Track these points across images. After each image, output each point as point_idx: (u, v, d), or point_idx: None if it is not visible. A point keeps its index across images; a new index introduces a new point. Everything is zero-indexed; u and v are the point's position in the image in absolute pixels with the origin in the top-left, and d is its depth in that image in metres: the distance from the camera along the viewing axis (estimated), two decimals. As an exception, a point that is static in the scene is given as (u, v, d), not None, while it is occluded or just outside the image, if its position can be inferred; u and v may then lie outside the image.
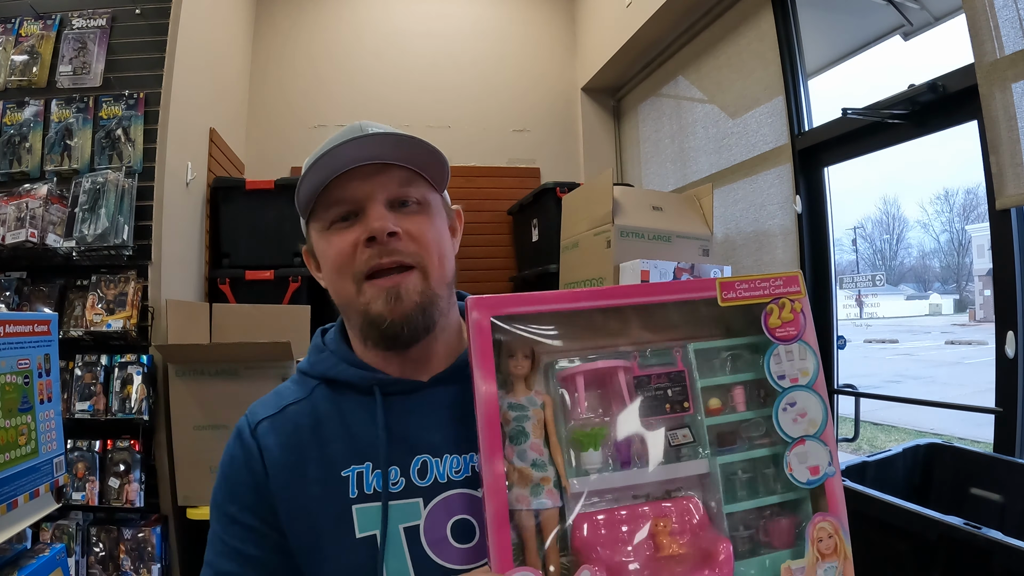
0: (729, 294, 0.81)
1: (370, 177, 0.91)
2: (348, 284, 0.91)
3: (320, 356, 1.00)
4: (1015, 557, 1.21)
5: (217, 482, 0.97)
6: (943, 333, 20.00)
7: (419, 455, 0.90)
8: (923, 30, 2.76)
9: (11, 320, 1.51)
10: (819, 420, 0.81)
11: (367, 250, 0.89)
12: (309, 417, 0.94)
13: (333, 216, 0.92)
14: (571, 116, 4.84)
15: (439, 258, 0.93)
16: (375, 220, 0.88)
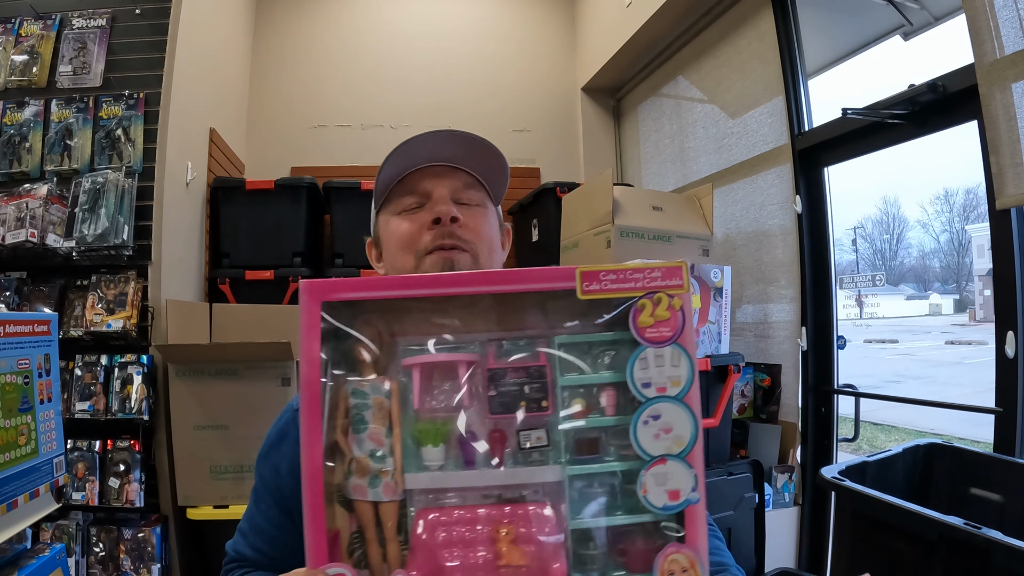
0: (591, 285, 0.70)
1: (440, 175, 1.04)
2: (409, 259, 1.01)
3: None
4: (1015, 557, 1.21)
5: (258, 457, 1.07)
6: (943, 333, 20.00)
7: None
8: (923, 30, 2.76)
9: (11, 320, 1.51)
10: (686, 438, 0.68)
11: (431, 231, 1.00)
12: None
13: (406, 204, 1.04)
14: (571, 116, 4.84)
15: (489, 250, 1.05)
16: (441, 205, 1.00)
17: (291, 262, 3.53)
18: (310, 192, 3.64)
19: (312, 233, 3.72)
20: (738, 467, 2.55)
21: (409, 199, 1.05)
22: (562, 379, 0.71)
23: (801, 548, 2.81)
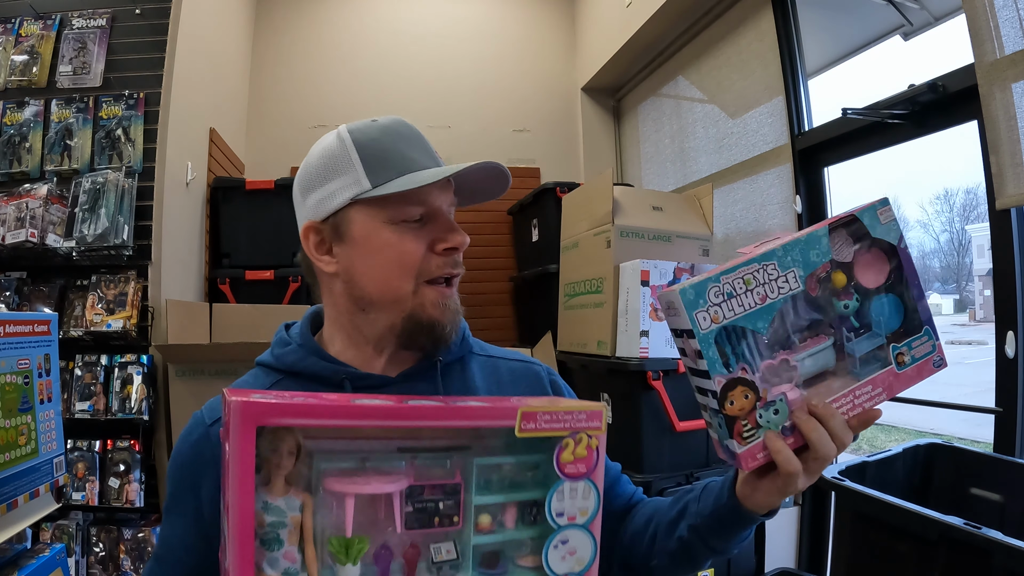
0: (529, 424, 0.75)
1: (445, 189, 0.97)
2: (406, 283, 0.93)
3: (286, 349, 1.00)
4: (1015, 557, 1.21)
5: (167, 473, 0.98)
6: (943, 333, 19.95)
7: None
8: (923, 30, 2.76)
9: (11, 320, 1.51)
10: (587, 559, 0.78)
11: (442, 258, 0.94)
12: None
13: (409, 214, 0.93)
14: (571, 116, 4.84)
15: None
16: (459, 235, 0.95)
17: (291, 262, 3.52)
18: (310, 192, 3.62)
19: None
20: (738, 467, 2.55)
21: (415, 209, 0.94)
22: (477, 497, 0.76)
23: (801, 548, 2.81)
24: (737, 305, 0.79)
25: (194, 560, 0.92)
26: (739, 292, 0.79)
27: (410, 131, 0.99)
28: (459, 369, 1.06)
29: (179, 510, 0.94)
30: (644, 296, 2.49)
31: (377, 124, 0.98)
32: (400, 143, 0.96)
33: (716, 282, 0.78)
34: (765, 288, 0.80)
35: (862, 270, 0.84)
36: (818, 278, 0.82)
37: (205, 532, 0.90)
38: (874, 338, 0.84)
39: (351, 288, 0.96)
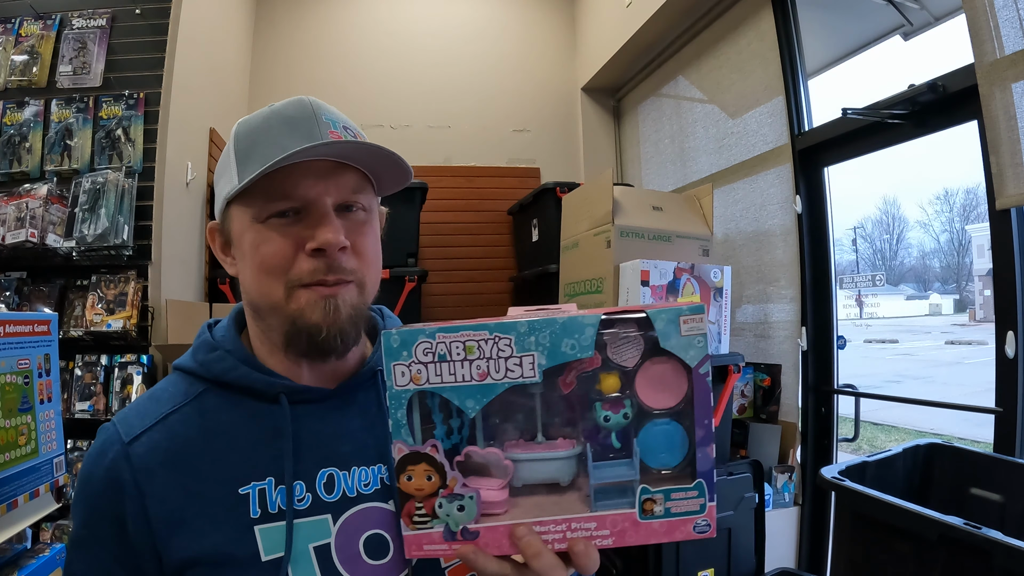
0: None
1: (324, 176, 0.83)
2: (277, 288, 0.83)
3: (212, 355, 0.90)
4: (1015, 557, 1.21)
5: (75, 499, 0.86)
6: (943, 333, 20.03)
7: (325, 468, 0.85)
8: (923, 30, 2.76)
9: (11, 320, 1.51)
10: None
11: (312, 260, 0.82)
12: (197, 428, 0.84)
13: (272, 210, 0.82)
14: (571, 116, 4.84)
15: (376, 272, 0.90)
16: (329, 232, 0.80)
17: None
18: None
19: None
20: (738, 467, 2.55)
21: (280, 204, 0.82)
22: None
23: (801, 548, 2.82)
24: (448, 372, 0.68)
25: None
26: (455, 358, 0.68)
27: (300, 112, 0.84)
28: None
29: (98, 542, 0.81)
30: (644, 296, 2.49)
31: (266, 111, 0.87)
32: (277, 129, 0.83)
33: (429, 338, 0.67)
34: (489, 364, 0.68)
35: (646, 383, 0.69)
36: (580, 374, 0.69)
37: (136, 565, 0.80)
38: (629, 469, 0.70)
39: (244, 293, 0.90)
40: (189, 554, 0.78)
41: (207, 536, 0.79)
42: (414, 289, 3.63)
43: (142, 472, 0.81)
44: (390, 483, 0.87)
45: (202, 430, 0.84)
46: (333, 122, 0.84)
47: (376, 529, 0.84)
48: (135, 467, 0.81)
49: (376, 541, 0.84)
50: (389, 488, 0.86)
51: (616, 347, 0.68)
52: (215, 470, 0.82)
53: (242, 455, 0.83)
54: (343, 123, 0.86)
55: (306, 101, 0.85)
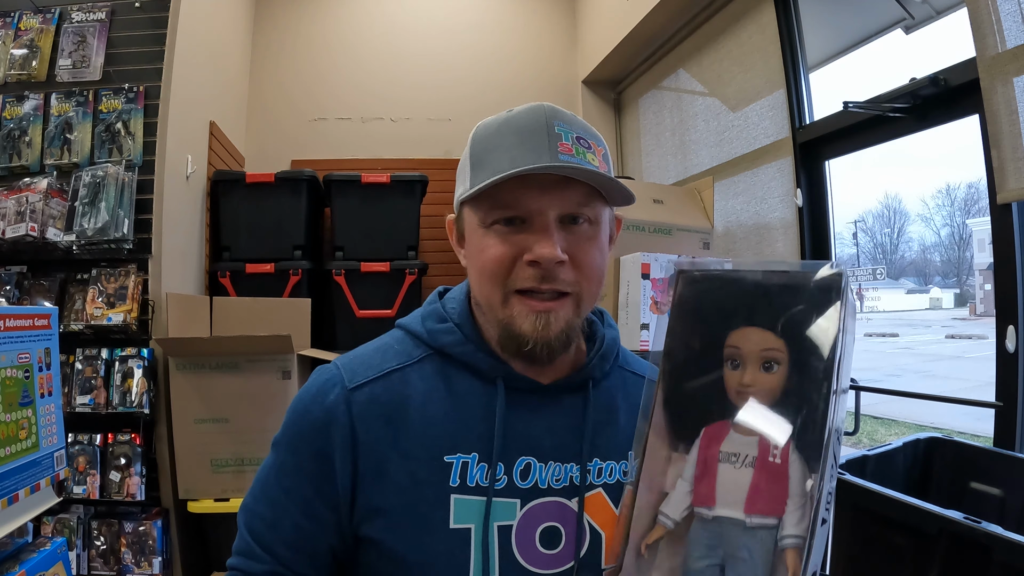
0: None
1: (549, 189, 0.85)
2: (495, 292, 0.88)
3: (441, 326, 0.96)
4: (1015, 552, 1.21)
5: (287, 422, 0.92)
6: (943, 327, 20.03)
7: (524, 456, 0.89)
8: (925, 23, 2.75)
9: (11, 314, 1.51)
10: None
11: (528, 269, 0.85)
12: (416, 389, 0.91)
13: (497, 217, 0.87)
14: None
15: (596, 286, 0.92)
16: (546, 247, 0.83)
17: (292, 255, 3.53)
18: (310, 185, 3.63)
19: (313, 226, 3.72)
20: (738, 461, 2.55)
21: (502, 212, 0.86)
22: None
23: (801, 541, 2.82)
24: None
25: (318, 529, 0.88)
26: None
27: (533, 122, 0.87)
28: (606, 385, 1.01)
29: (302, 471, 0.89)
30: (645, 289, 2.49)
31: (503, 116, 0.90)
32: (510, 138, 0.86)
33: None
34: None
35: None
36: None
37: (333, 501, 0.87)
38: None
39: (471, 285, 0.96)
40: (382, 503, 0.86)
41: (405, 492, 0.86)
42: (414, 282, 3.63)
43: (360, 420, 0.88)
44: (578, 483, 0.91)
45: (420, 392, 0.91)
46: (566, 133, 0.86)
47: (554, 521, 0.89)
48: (354, 414, 0.88)
49: (551, 532, 0.88)
50: (576, 488, 0.91)
51: None
52: (425, 432, 0.88)
53: (452, 425, 0.89)
54: (577, 133, 0.88)
55: (541, 111, 0.88)
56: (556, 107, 0.89)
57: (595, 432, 0.95)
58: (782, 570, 0.69)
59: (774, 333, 0.75)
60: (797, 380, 0.74)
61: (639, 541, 0.76)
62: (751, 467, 0.73)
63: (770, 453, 0.72)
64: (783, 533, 0.70)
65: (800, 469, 0.71)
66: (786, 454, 0.72)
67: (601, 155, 0.90)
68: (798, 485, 0.71)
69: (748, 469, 0.73)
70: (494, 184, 0.83)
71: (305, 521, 0.87)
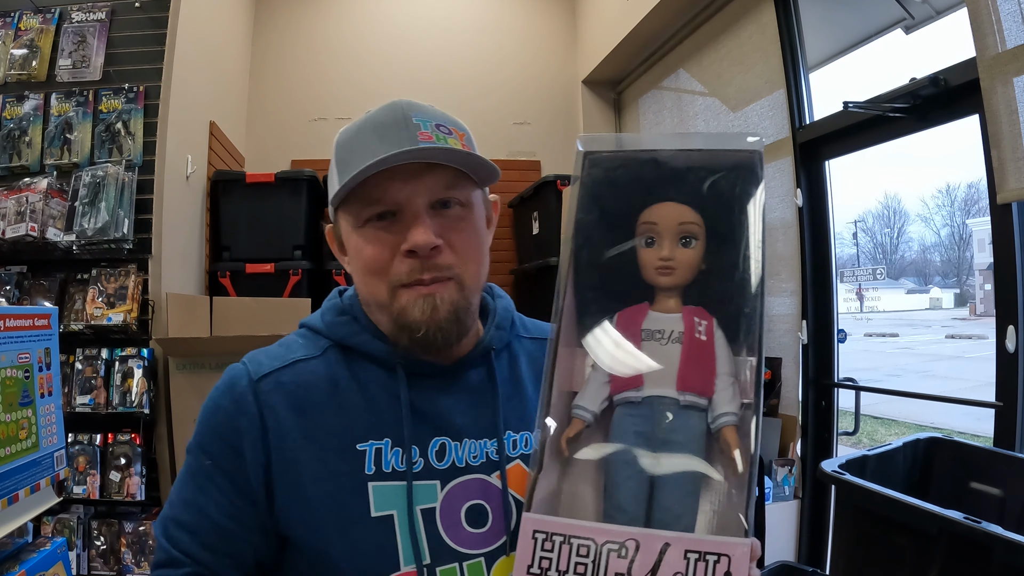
0: None
1: (414, 177, 0.85)
2: (381, 288, 0.88)
3: (341, 319, 0.96)
4: (1014, 551, 1.21)
5: (198, 425, 0.90)
6: (943, 327, 20.03)
7: (438, 437, 0.89)
8: (925, 24, 2.76)
9: (11, 314, 1.51)
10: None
11: (407, 261, 0.85)
12: (322, 378, 0.90)
13: (368, 214, 0.87)
14: (572, 109, 4.83)
15: (477, 266, 0.91)
16: (419, 234, 0.83)
17: (291, 255, 3.53)
18: (310, 185, 3.63)
19: (312, 226, 3.72)
20: (738, 461, 2.55)
21: (372, 209, 0.86)
22: None
23: (801, 542, 2.82)
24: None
25: (233, 524, 0.85)
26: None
27: (391, 116, 0.87)
28: (507, 356, 1.01)
29: (219, 469, 0.86)
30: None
31: (361, 119, 0.91)
32: (369, 136, 0.87)
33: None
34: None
35: None
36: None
37: (250, 495, 0.84)
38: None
39: (357, 290, 0.96)
40: (301, 495, 0.84)
41: (320, 482, 0.84)
42: (415, 282, 3.63)
43: (268, 408, 0.86)
44: (496, 458, 0.91)
45: (326, 381, 0.90)
46: (424, 122, 0.86)
47: (478, 499, 0.88)
48: (262, 402, 0.87)
49: (477, 510, 0.87)
50: (495, 463, 0.90)
51: None
52: (335, 421, 0.87)
53: (361, 413, 0.88)
54: (436, 121, 0.88)
55: (398, 104, 0.89)
56: (413, 101, 0.90)
57: (505, 404, 0.95)
58: (717, 450, 0.68)
59: (691, 207, 0.72)
60: (718, 255, 0.72)
61: (558, 440, 0.71)
62: (678, 343, 0.70)
63: (695, 329, 0.70)
64: (717, 412, 0.68)
65: (726, 347, 0.69)
66: (711, 331, 0.70)
67: (463, 139, 0.90)
68: (726, 363, 0.69)
69: (676, 345, 0.70)
70: (360, 182, 0.83)
71: (225, 520, 0.85)
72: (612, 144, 0.77)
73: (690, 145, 0.74)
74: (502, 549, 0.87)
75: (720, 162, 0.72)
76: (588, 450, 0.71)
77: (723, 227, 0.71)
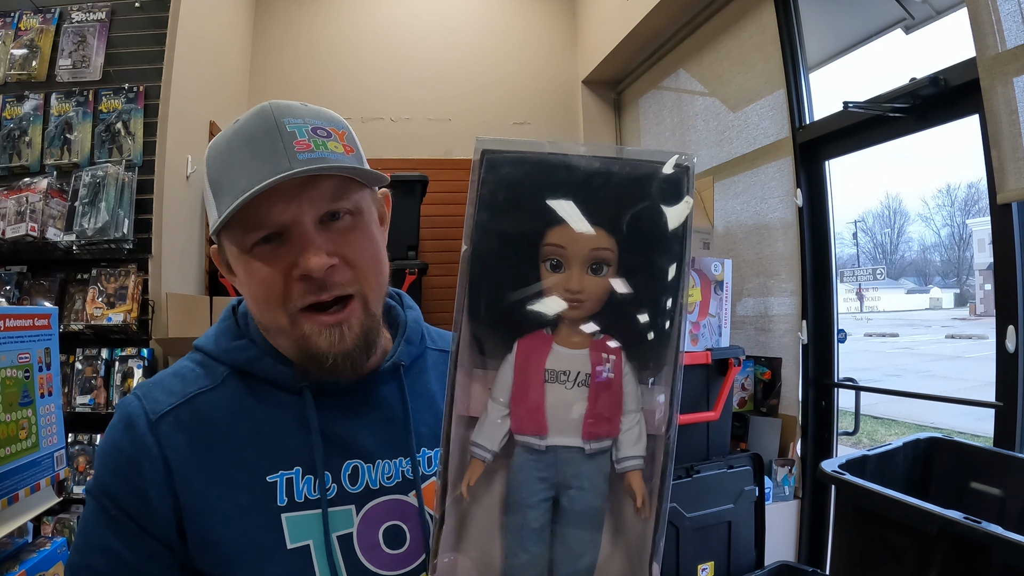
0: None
1: (297, 194, 0.79)
2: (279, 315, 0.82)
3: (238, 344, 0.90)
4: (1014, 552, 1.21)
5: (97, 468, 0.84)
6: (943, 327, 20.02)
7: (350, 460, 0.86)
8: (925, 23, 2.75)
9: (11, 314, 1.51)
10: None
11: (301, 284, 0.80)
12: (223, 412, 0.85)
13: (252, 239, 0.80)
14: (572, 109, 4.83)
15: (376, 276, 0.86)
16: (311, 260, 0.77)
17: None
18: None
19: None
20: (738, 460, 2.56)
21: (256, 233, 0.80)
22: None
23: (801, 542, 2.82)
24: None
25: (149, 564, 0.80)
26: None
27: (261, 127, 0.80)
28: (417, 370, 0.98)
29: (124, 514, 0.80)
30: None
31: (230, 130, 0.83)
32: (241, 152, 0.80)
33: None
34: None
35: None
36: None
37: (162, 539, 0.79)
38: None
39: (252, 315, 0.91)
40: (213, 536, 0.79)
41: (232, 520, 0.80)
42: (415, 282, 3.63)
43: (170, 449, 0.81)
44: (411, 477, 0.89)
45: (228, 415, 0.85)
46: (299, 128, 0.80)
47: (395, 520, 0.86)
48: (163, 443, 0.81)
49: (394, 531, 0.86)
50: (411, 482, 0.88)
51: None
52: (241, 456, 0.83)
53: (268, 443, 0.84)
54: (311, 124, 0.82)
55: (267, 112, 0.81)
56: (284, 103, 0.83)
57: (416, 420, 0.92)
58: (621, 493, 0.66)
59: (606, 230, 0.66)
60: (631, 278, 0.66)
61: (457, 482, 0.67)
62: (585, 386, 0.66)
63: (602, 369, 0.66)
64: (621, 455, 0.65)
65: (634, 381, 0.66)
66: (619, 367, 0.66)
67: (344, 138, 0.84)
68: (633, 400, 0.66)
69: (582, 388, 0.66)
70: (238, 208, 0.76)
71: (144, 564, 0.79)
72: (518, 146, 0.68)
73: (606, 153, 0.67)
74: (422, 567, 0.85)
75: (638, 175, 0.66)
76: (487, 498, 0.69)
77: (640, 251, 0.67)
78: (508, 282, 0.67)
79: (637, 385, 0.66)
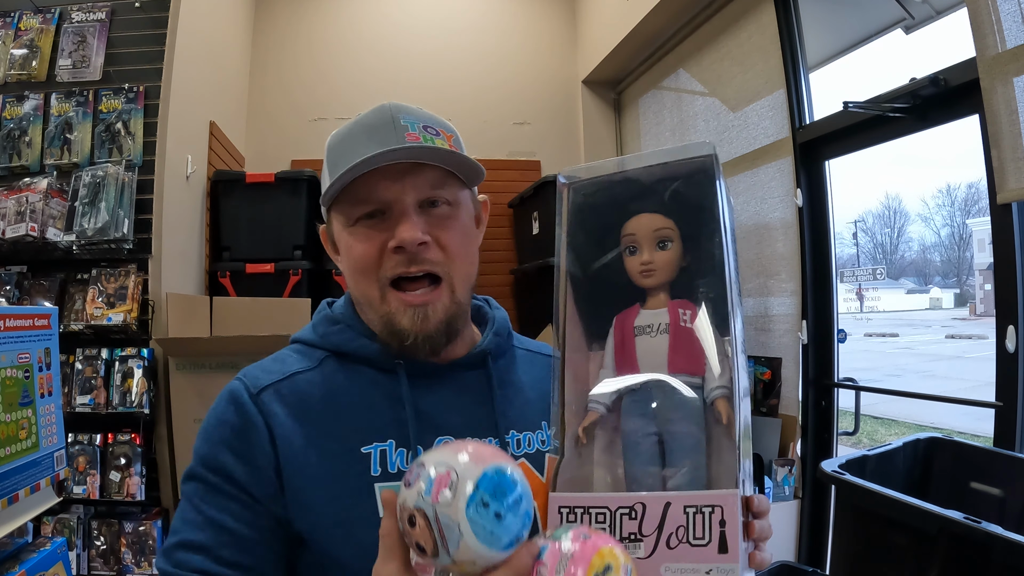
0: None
1: (401, 177, 0.87)
2: (372, 287, 0.90)
3: (333, 328, 0.97)
4: (1014, 551, 1.21)
5: (200, 446, 0.88)
6: (943, 327, 20.03)
7: (440, 436, 0.90)
8: (925, 23, 2.75)
9: (11, 314, 1.51)
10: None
11: (395, 256, 0.87)
12: (320, 388, 0.91)
13: (358, 213, 0.89)
14: (572, 109, 4.83)
15: (465, 264, 0.93)
16: (406, 230, 0.85)
17: (291, 255, 3.52)
18: (310, 185, 3.63)
19: (312, 226, 3.71)
20: (738, 461, 2.55)
21: (362, 208, 0.88)
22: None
23: (801, 542, 2.82)
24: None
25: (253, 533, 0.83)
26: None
27: (379, 118, 0.90)
28: (505, 361, 1.03)
29: (230, 483, 0.83)
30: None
31: (351, 123, 0.94)
32: (358, 138, 0.89)
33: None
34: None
35: None
36: None
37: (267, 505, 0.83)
38: None
39: (350, 289, 0.97)
40: (307, 499, 0.84)
41: (327, 486, 0.85)
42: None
43: (271, 416, 0.87)
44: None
45: (326, 390, 0.91)
46: (412, 123, 0.89)
47: None
48: (265, 411, 0.87)
49: None
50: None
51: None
52: (337, 427, 0.88)
53: (363, 417, 0.89)
54: (424, 122, 0.90)
55: (387, 107, 0.91)
56: (402, 104, 0.92)
57: (506, 405, 0.97)
58: (713, 421, 0.74)
59: (662, 214, 0.80)
60: (694, 251, 0.79)
61: (575, 430, 0.78)
62: (666, 333, 0.77)
63: (680, 318, 0.77)
64: (710, 387, 0.74)
65: (712, 329, 0.75)
66: (695, 317, 0.77)
67: (451, 140, 0.92)
68: (713, 344, 0.75)
69: (663, 336, 0.77)
70: (350, 182, 0.86)
71: (244, 529, 0.82)
72: (587, 172, 0.84)
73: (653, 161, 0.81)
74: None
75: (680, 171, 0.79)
76: (602, 435, 0.78)
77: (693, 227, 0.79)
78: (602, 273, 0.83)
79: (712, 332, 0.75)
